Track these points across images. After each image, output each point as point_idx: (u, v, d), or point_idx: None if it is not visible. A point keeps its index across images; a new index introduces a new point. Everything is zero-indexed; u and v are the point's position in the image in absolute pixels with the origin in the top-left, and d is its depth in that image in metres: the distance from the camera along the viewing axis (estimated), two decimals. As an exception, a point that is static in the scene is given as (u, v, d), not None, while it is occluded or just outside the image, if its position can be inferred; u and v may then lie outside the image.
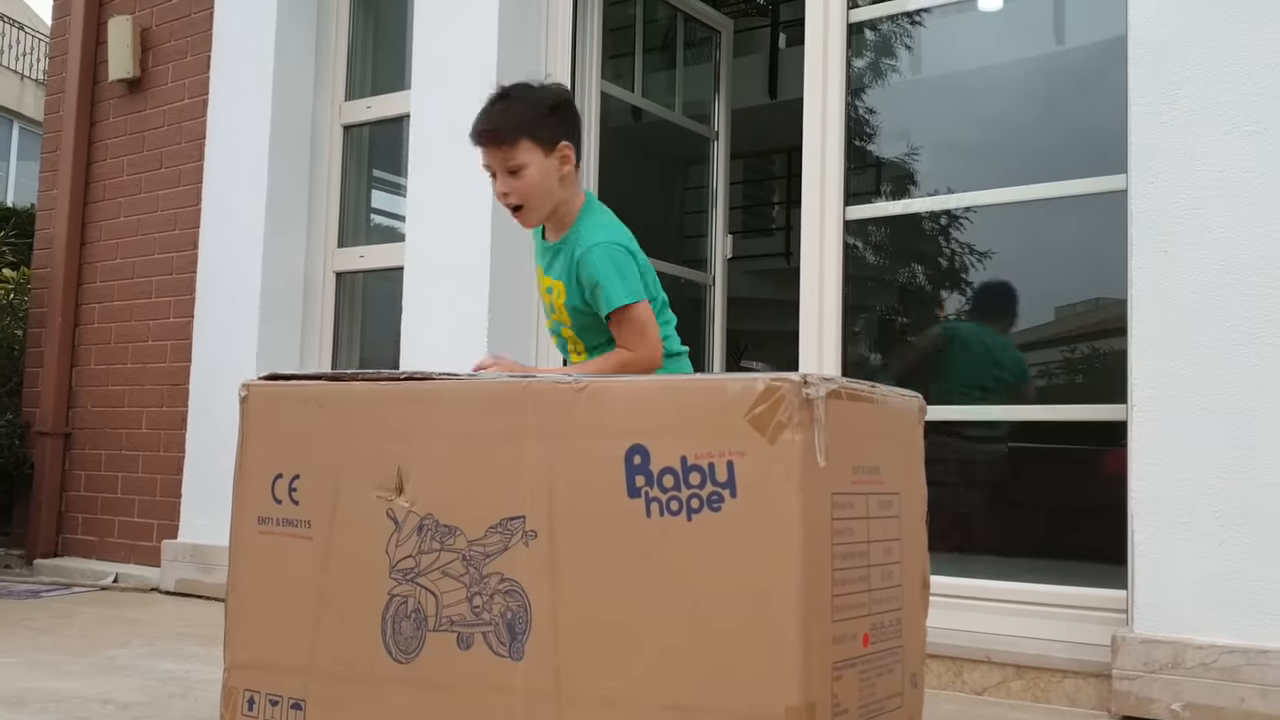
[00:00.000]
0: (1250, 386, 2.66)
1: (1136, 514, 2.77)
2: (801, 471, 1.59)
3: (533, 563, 1.80)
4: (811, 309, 3.65)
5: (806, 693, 1.57)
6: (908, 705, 1.86)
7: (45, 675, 2.94)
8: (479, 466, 1.88)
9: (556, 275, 2.46)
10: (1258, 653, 2.57)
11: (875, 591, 1.75)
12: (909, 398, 1.95)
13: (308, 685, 2.03)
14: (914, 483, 1.94)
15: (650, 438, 1.70)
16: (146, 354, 5.21)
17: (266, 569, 2.12)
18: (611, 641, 1.72)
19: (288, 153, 4.89)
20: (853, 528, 1.70)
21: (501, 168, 2.40)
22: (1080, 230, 3.50)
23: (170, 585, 4.80)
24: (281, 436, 2.13)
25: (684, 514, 1.66)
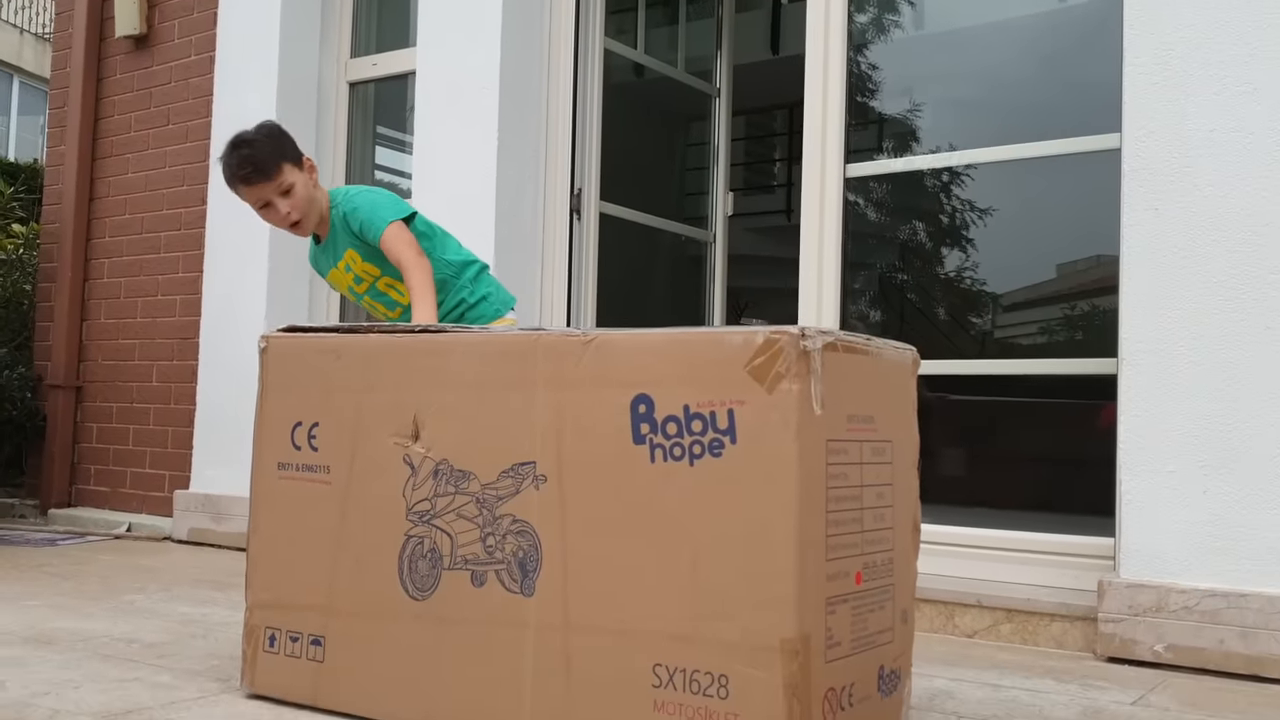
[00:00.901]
0: (1235, 341, 2.75)
1: (1124, 464, 2.87)
2: (798, 419, 1.68)
3: (543, 505, 1.91)
4: (811, 266, 3.72)
5: (802, 625, 1.67)
6: (898, 640, 1.96)
7: (69, 617, 3.04)
8: (491, 414, 1.98)
9: (342, 250, 2.87)
10: (1238, 596, 2.67)
11: (868, 533, 1.86)
12: (903, 350, 2.04)
13: (327, 623, 2.15)
14: (906, 431, 2.03)
15: (655, 387, 1.80)
16: (156, 308, 5.29)
17: (287, 513, 2.24)
18: (617, 578, 1.82)
19: (294, 109, 4.94)
20: (846, 473, 1.79)
21: (275, 194, 2.77)
22: (1080, 187, 3.57)
23: (183, 534, 4.91)
24: (301, 386, 2.24)
25: (686, 459, 1.76)
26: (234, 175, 2.78)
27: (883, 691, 1.91)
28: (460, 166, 4.27)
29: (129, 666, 2.48)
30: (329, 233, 2.89)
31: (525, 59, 4.30)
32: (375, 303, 2.96)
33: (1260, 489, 2.70)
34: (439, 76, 4.36)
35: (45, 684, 2.29)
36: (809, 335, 1.69)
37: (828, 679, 1.73)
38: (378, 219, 2.78)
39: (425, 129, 4.39)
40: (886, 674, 1.92)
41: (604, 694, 1.82)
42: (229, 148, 2.80)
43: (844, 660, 1.77)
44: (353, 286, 2.93)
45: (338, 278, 2.94)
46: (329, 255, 2.91)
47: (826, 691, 1.72)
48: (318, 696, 2.15)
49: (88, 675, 2.38)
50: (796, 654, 1.66)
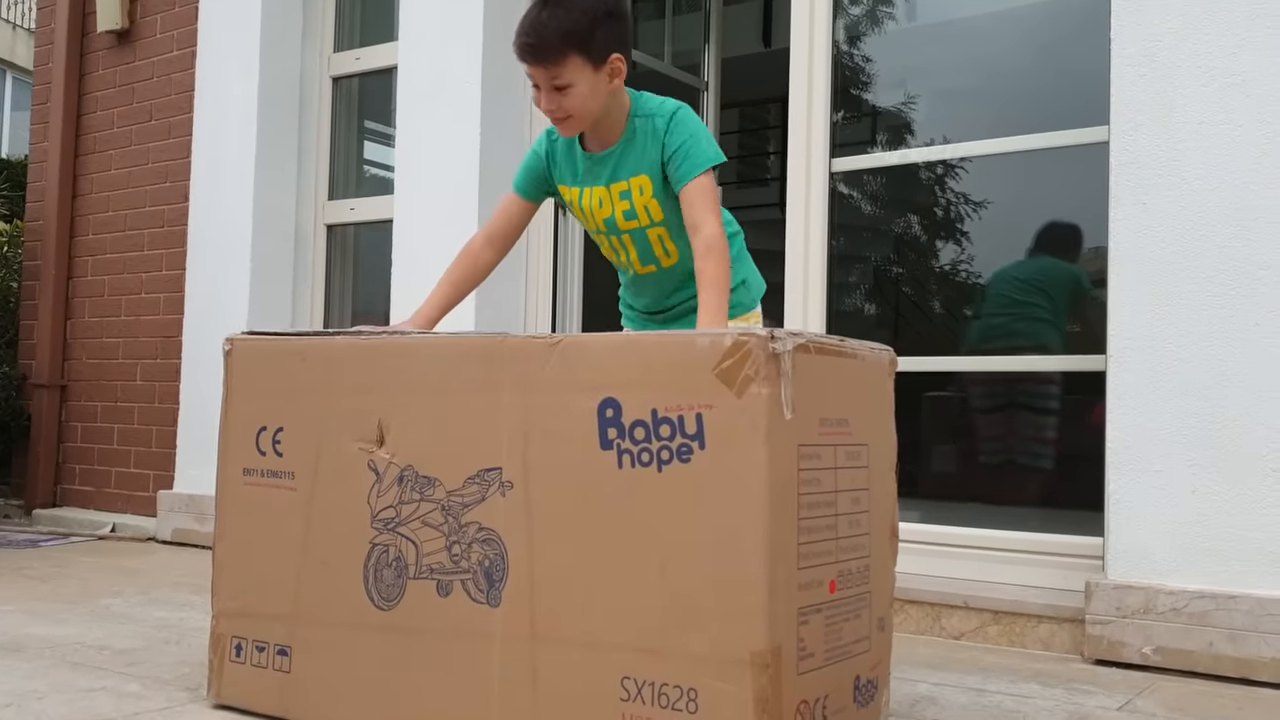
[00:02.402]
0: (1223, 338, 2.70)
1: (1112, 463, 2.82)
2: (768, 423, 1.63)
3: (509, 512, 1.86)
4: (797, 260, 3.67)
5: (772, 636, 1.62)
6: (875, 648, 1.92)
7: (42, 622, 3.00)
8: (457, 419, 1.94)
9: (636, 171, 2.28)
10: (1226, 598, 2.63)
11: (842, 539, 1.81)
12: (879, 351, 1.99)
13: (293, 632, 2.11)
14: (883, 433, 1.98)
15: (622, 391, 1.75)
16: (140, 306, 5.24)
17: (252, 519, 2.20)
18: (585, 588, 1.78)
19: (277, 104, 4.89)
20: (819, 478, 1.74)
21: (547, 84, 2.21)
22: (1072, 180, 3.52)
23: (166, 535, 4.86)
24: (265, 390, 2.20)
25: (654, 465, 1.71)
26: (516, 36, 2.22)
27: (859, 702, 1.86)
28: (443, 161, 4.22)
29: (97, 675, 2.43)
30: (619, 143, 2.30)
31: (508, 53, 4.20)
32: (628, 249, 2.39)
33: (1250, 489, 2.65)
34: (421, 71, 4.31)
35: (8, 695, 2.24)
36: (778, 337, 1.65)
37: (800, 691, 1.68)
38: (700, 154, 2.22)
39: (408, 124, 4.34)
40: (863, 684, 1.87)
41: (571, 707, 1.77)
42: (532, 10, 2.22)
43: (817, 672, 1.73)
44: (607, 217, 2.34)
45: (592, 200, 2.34)
46: (600, 170, 2.32)
47: (799, 705, 1.68)
48: (285, 708, 2.10)
49: (54, 685, 2.34)
50: (767, 666, 1.61)
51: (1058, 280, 3.75)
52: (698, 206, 2.20)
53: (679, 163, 2.23)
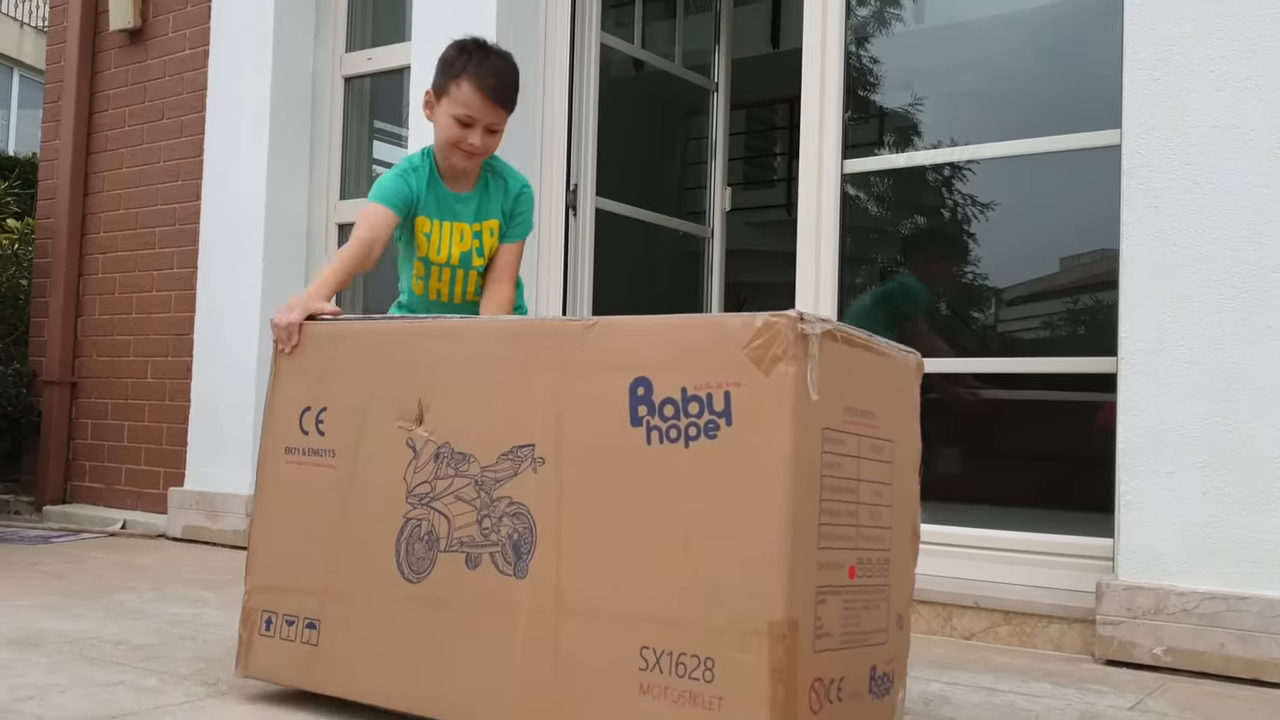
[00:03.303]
0: (1235, 340, 2.71)
1: (1123, 464, 2.83)
2: (795, 402, 1.67)
3: (540, 487, 1.91)
4: (808, 261, 3.69)
5: (790, 609, 1.65)
6: (892, 643, 1.93)
7: (58, 618, 3.02)
8: (493, 398, 2.00)
9: (490, 215, 2.65)
10: (1237, 599, 2.64)
11: (863, 528, 1.83)
12: (907, 353, 2.01)
13: (323, 606, 2.16)
14: (908, 433, 2.00)
15: (653, 370, 1.80)
16: (151, 304, 5.26)
17: (291, 497, 2.25)
18: (611, 560, 1.82)
19: (289, 104, 4.91)
20: (842, 463, 1.77)
21: (488, 126, 2.53)
22: (1083, 183, 3.53)
23: (177, 532, 4.88)
24: (310, 372, 2.27)
25: (682, 441, 1.76)
26: (498, 85, 2.52)
27: (874, 693, 1.88)
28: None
29: (115, 670, 2.45)
30: (477, 188, 2.64)
31: (520, 53, 4.22)
32: (452, 280, 2.67)
33: (1261, 490, 2.66)
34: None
35: (30, 688, 2.26)
36: (808, 320, 1.68)
37: (815, 669, 1.71)
38: (530, 226, 2.73)
39: (421, 124, 4.35)
40: (879, 675, 1.89)
41: (591, 677, 1.81)
42: (495, 53, 2.57)
43: (833, 653, 1.75)
44: (464, 251, 2.63)
45: (453, 233, 2.62)
46: (463, 209, 2.62)
47: (814, 681, 1.70)
48: (309, 679, 2.16)
49: (73, 679, 2.35)
50: (783, 638, 1.64)
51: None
52: (511, 266, 2.68)
53: (519, 223, 2.68)
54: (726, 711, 1.66)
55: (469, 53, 2.55)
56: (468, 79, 2.50)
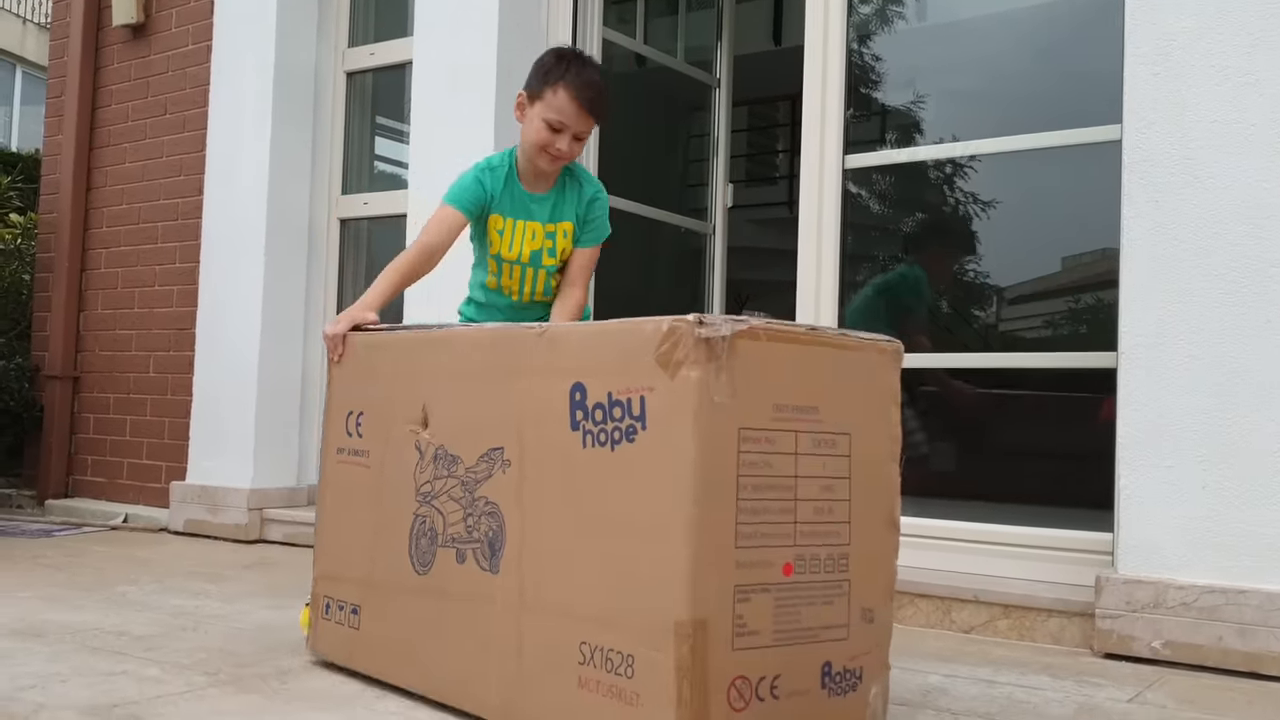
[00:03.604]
0: (1235, 334, 2.72)
1: (1123, 458, 2.84)
2: (696, 405, 1.71)
3: (507, 488, 2.03)
4: (810, 258, 3.69)
5: (695, 609, 1.69)
6: (857, 638, 1.92)
7: (60, 609, 3.03)
8: (476, 403, 2.12)
9: (565, 217, 2.68)
10: (1236, 593, 2.65)
11: (805, 525, 1.84)
12: (879, 342, 1.99)
13: (364, 594, 2.36)
14: (874, 424, 1.98)
15: (588, 375, 1.88)
16: (153, 299, 5.27)
17: (342, 493, 2.46)
18: (559, 559, 1.92)
19: (291, 99, 4.92)
20: (771, 462, 1.79)
21: (577, 135, 2.57)
22: (1084, 179, 3.53)
23: (179, 526, 4.89)
24: (354, 379, 2.47)
25: (609, 445, 1.82)
26: (595, 97, 2.55)
27: (830, 690, 1.88)
28: (457, 157, 4.21)
29: (117, 660, 2.46)
30: (554, 190, 2.67)
31: (522, 48, 4.26)
32: (535, 282, 2.70)
33: (1260, 484, 2.67)
34: (436, 66, 4.34)
35: (32, 677, 2.27)
36: (708, 323, 1.72)
37: (736, 667, 1.74)
38: (606, 231, 2.75)
39: (422, 119, 4.37)
40: (836, 672, 1.89)
41: (544, 671, 1.90)
42: (592, 65, 2.62)
43: (763, 650, 1.78)
44: (535, 250, 2.66)
45: (526, 231, 2.65)
46: (539, 209, 2.66)
47: (735, 679, 1.74)
48: (352, 659, 2.37)
49: (75, 668, 2.36)
50: (688, 637, 1.68)
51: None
52: (585, 270, 2.72)
53: (594, 228, 2.71)
54: (643, 708, 1.72)
55: (567, 61, 2.59)
56: (565, 86, 2.53)
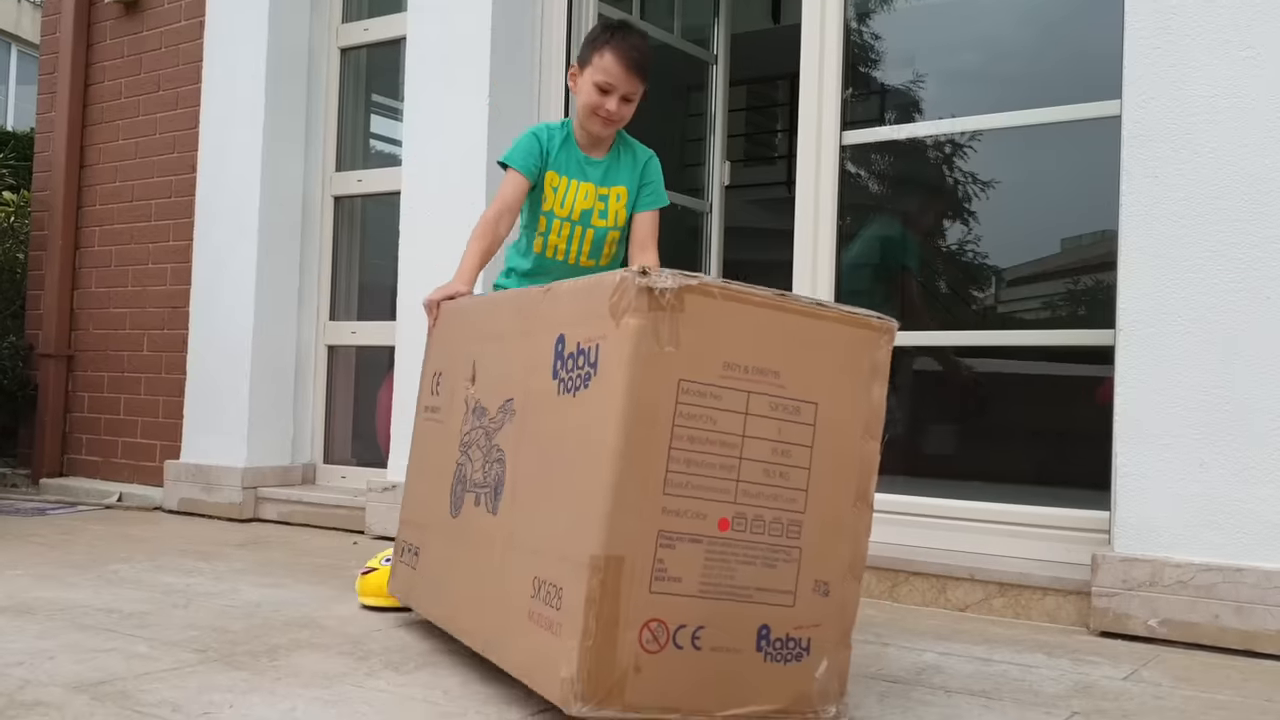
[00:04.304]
0: (1234, 310, 2.69)
1: (1120, 436, 2.82)
2: (632, 351, 1.75)
3: (511, 436, 2.14)
4: (806, 235, 3.67)
5: (610, 545, 1.74)
6: (806, 609, 1.90)
7: (52, 586, 3.01)
8: (502, 359, 2.26)
9: (619, 182, 2.84)
10: (1233, 570, 2.63)
11: (749, 484, 1.85)
12: (869, 318, 1.96)
13: (423, 536, 2.54)
14: (849, 399, 1.94)
15: (567, 327, 1.97)
16: (147, 277, 5.24)
17: (420, 447, 2.66)
18: (532, 501, 2.01)
19: (285, 75, 4.88)
20: (714, 416, 1.81)
21: (625, 95, 2.71)
22: (1083, 158, 3.50)
23: (173, 504, 4.88)
24: (439, 343, 2.66)
25: (573, 391, 1.91)
26: (634, 53, 2.69)
27: (768, 655, 1.86)
28: (451, 133, 4.21)
29: (106, 636, 2.44)
30: (609, 156, 2.84)
31: (517, 23, 4.23)
32: (583, 242, 2.83)
33: (1257, 462, 2.65)
34: (430, 42, 4.30)
35: (19, 654, 2.26)
36: (653, 274, 1.76)
37: (652, 609, 1.77)
38: (663, 195, 2.89)
39: (415, 95, 4.33)
40: (776, 638, 1.87)
41: (513, 606, 1.98)
42: (636, 32, 2.76)
43: (687, 599, 1.80)
44: (586, 209, 2.80)
45: (580, 190, 2.80)
46: (593, 171, 2.81)
47: (649, 621, 1.77)
48: (409, 597, 2.59)
49: (63, 645, 2.35)
50: (599, 570, 1.73)
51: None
52: (651, 234, 2.84)
53: (650, 191, 2.87)
54: (560, 638, 1.78)
55: (613, 29, 2.74)
56: (611, 49, 2.68)
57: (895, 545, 3.31)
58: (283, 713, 1.92)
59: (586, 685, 1.73)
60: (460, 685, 2.13)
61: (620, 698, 1.74)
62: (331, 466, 4.94)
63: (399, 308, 4.31)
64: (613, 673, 1.74)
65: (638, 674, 1.75)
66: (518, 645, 1.95)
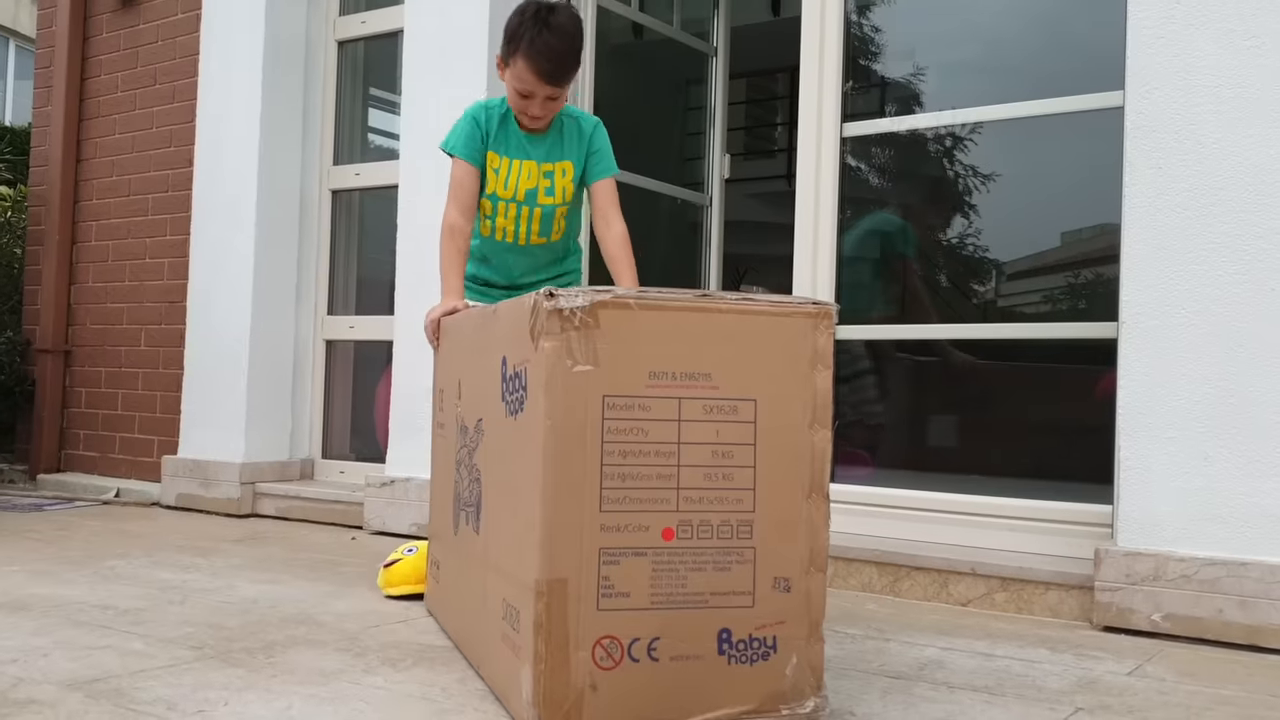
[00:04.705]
0: (1238, 303, 2.67)
1: (1123, 429, 2.80)
2: (548, 375, 1.76)
3: (483, 455, 2.18)
4: (807, 229, 3.65)
5: (552, 570, 1.76)
6: (765, 607, 1.87)
7: (47, 583, 2.99)
8: (478, 376, 2.24)
9: (564, 157, 2.74)
10: (1237, 565, 2.61)
11: (690, 491, 1.84)
12: (804, 305, 1.91)
13: (442, 551, 2.62)
14: (790, 391, 1.89)
15: (507, 349, 1.98)
16: (144, 271, 5.22)
17: (435, 462, 2.70)
18: (496, 522, 2.06)
19: (282, 68, 4.85)
20: (645, 428, 1.81)
21: (545, 97, 2.61)
22: (1085, 151, 3.47)
23: (171, 500, 4.86)
24: (441, 359, 2.70)
25: (515, 413, 1.94)
26: (549, 63, 2.54)
27: (731, 657, 1.84)
28: (449, 126, 4.17)
29: (102, 633, 2.42)
30: (551, 132, 2.71)
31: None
32: (531, 222, 2.78)
33: (1262, 455, 2.63)
34: (427, 34, 4.27)
35: (13, 651, 2.24)
36: (558, 295, 1.76)
37: (603, 627, 1.78)
38: (612, 161, 2.78)
39: (412, 88, 4.30)
40: (740, 640, 1.85)
41: (490, 626, 2.02)
42: (552, 25, 2.54)
43: (637, 612, 1.80)
44: (531, 188, 2.73)
45: (522, 170, 2.72)
46: (534, 149, 2.71)
47: (601, 638, 1.77)
48: (435, 611, 2.68)
49: (58, 642, 2.33)
50: (543, 595, 1.75)
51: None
52: (611, 202, 2.75)
53: (598, 161, 2.75)
54: (520, 661, 1.81)
55: (527, 25, 2.55)
56: (523, 56, 2.55)
57: (897, 540, 3.29)
58: (278, 711, 1.90)
59: (543, 709, 1.75)
60: (458, 682, 2.11)
61: (578, 717, 1.76)
62: (330, 462, 4.92)
63: (397, 302, 4.29)
64: (568, 694, 1.75)
65: (594, 692, 1.76)
66: (496, 666, 2.00)
